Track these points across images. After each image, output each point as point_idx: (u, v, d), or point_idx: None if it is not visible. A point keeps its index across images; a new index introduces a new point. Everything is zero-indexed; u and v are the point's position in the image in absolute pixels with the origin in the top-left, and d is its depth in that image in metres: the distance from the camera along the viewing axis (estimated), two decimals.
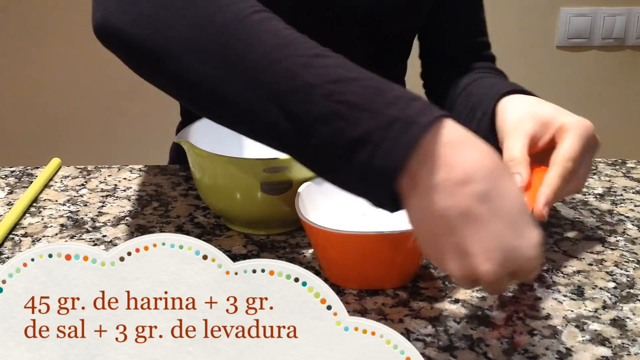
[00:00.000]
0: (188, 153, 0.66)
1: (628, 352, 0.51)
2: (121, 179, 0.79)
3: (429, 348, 0.51)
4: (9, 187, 0.77)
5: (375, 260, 0.55)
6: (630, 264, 0.63)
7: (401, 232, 0.54)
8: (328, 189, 0.64)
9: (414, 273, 0.59)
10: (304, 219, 0.56)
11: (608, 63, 2.03)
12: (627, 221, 0.71)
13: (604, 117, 2.07)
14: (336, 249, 0.55)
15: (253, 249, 0.64)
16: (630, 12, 1.98)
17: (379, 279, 0.57)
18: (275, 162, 0.61)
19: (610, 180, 0.80)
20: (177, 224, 0.69)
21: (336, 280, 0.58)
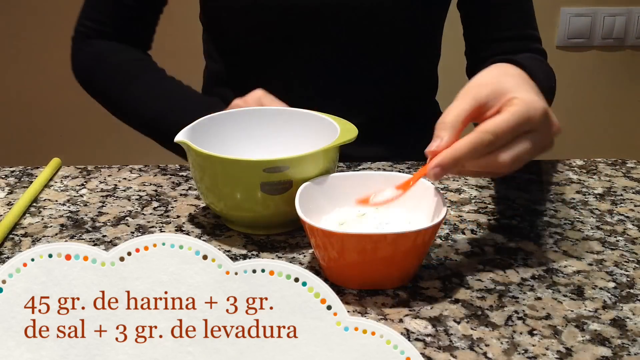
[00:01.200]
0: (188, 153, 0.66)
1: (628, 352, 0.51)
2: (121, 179, 0.79)
3: (429, 348, 0.51)
4: (9, 187, 0.77)
5: (375, 260, 0.55)
6: (630, 264, 0.63)
7: (401, 232, 0.54)
8: (328, 189, 0.64)
9: (414, 273, 0.59)
10: (304, 219, 0.56)
11: (608, 63, 2.03)
12: (627, 221, 0.71)
13: (604, 117, 2.07)
14: (336, 249, 0.55)
15: (253, 249, 0.64)
16: (630, 12, 1.99)
17: (379, 279, 0.57)
18: (275, 162, 0.61)
19: (610, 180, 0.80)
20: (177, 224, 0.69)
21: (336, 280, 0.58)
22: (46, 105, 2.08)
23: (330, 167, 0.66)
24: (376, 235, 0.55)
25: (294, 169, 0.62)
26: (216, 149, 0.66)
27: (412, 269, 0.58)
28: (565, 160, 0.86)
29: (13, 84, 2.06)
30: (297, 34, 0.89)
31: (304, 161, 0.63)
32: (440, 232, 0.67)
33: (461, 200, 0.74)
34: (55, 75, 2.01)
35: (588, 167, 0.84)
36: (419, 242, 0.56)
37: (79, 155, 2.07)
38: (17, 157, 2.10)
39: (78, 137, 2.10)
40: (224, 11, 0.91)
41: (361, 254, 0.55)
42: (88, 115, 2.00)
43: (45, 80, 2.04)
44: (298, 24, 0.88)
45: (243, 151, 0.71)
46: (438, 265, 0.62)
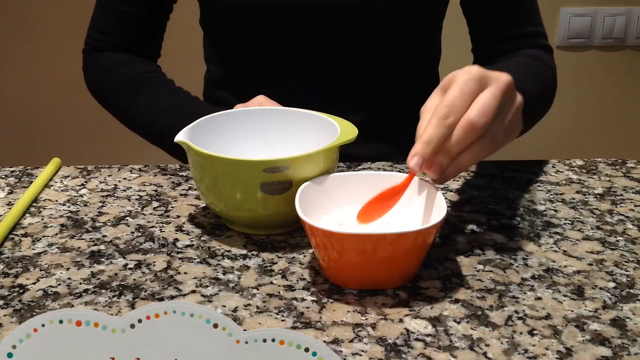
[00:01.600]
0: (188, 153, 0.66)
1: (628, 352, 0.51)
2: (121, 179, 0.79)
3: (429, 348, 0.51)
4: (9, 187, 0.77)
5: (376, 261, 0.55)
6: (630, 264, 0.63)
7: (401, 232, 0.54)
8: (328, 189, 0.64)
9: (414, 273, 0.59)
10: (304, 219, 0.56)
11: (608, 63, 2.03)
12: (627, 221, 0.71)
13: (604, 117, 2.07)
14: (336, 249, 0.55)
15: (253, 249, 0.64)
16: (630, 12, 1.99)
17: (379, 279, 0.57)
18: (275, 162, 0.61)
19: (610, 180, 0.80)
20: (177, 224, 0.69)
21: (336, 280, 0.58)
22: (46, 105, 2.08)
23: (330, 167, 0.66)
24: (376, 235, 0.55)
25: (294, 169, 0.62)
26: (216, 149, 0.66)
27: (412, 269, 0.58)
28: (565, 160, 0.86)
29: (13, 84, 2.06)
30: (296, 36, 0.89)
31: (304, 161, 0.63)
32: (440, 232, 0.67)
33: (461, 200, 0.74)
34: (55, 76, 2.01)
35: (588, 167, 0.84)
36: (419, 242, 0.56)
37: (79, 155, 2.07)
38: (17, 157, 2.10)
39: (78, 137, 2.10)
40: (222, 14, 0.91)
41: (361, 254, 0.55)
42: (88, 115, 2.00)
43: (45, 81, 2.04)
44: (296, 25, 0.88)
45: (243, 151, 0.71)
46: (438, 265, 0.62)
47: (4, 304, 0.56)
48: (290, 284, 0.59)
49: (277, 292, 0.57)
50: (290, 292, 0.58)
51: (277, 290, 0.58)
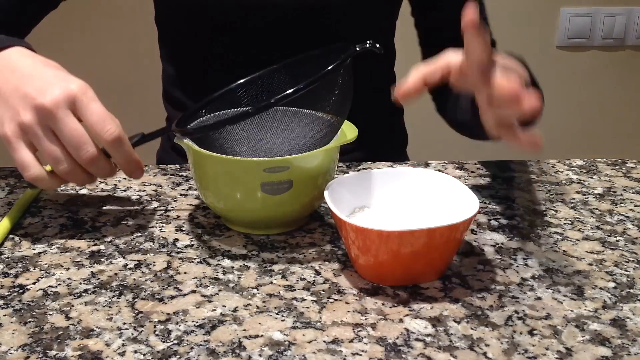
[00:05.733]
0: (188, 153, 0.66)
1: (628, 352, 0.51)
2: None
3: (429, 348, 0.51)
4: (9, 187, 0.77)
5: (423, 256, 0.56)
6: (630, 264, 0.63)
7: (453, 224, 0.55)
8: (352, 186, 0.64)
9: (447, 266, 0.60)
10: (348, 221, 0.56)
11: (608, 63, 2.03)
12: (627, 221, 0.71)
13: (604, 117, 2.07)
14: (391, 249, 0.55)
15: (253, 249, 0.64)
16: (630, 12, 1.99)
17: (419, 274, 0.58)
18: (275, 162, 0.61)
19: (610, 180, 0.80)
20: (177, 224, 0.69)
21: (372, 278, 0.59)
22: None
23: (330, 167, 0.66)
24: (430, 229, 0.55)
25: (294, 169, 0.62)
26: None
27: (448, 262, 0.60)
28: (565, 160, 0.86)
29: None
30: (243, 35, 0.89)
31: (304, 161, 0.63)
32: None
33: None
34: None
35: (588, 167, 0.84)
36: (458, 234, 0.57)
37: None
38: None
39: None
40: (171, 11, 0.92)
41: (414, 250, 0.56)
42: None
43: None
44: (243, 24, 0.88)
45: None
46: None
47: (4, 304, 0.56)
48: (290, 284, 0.59)
49: (277, 292, 0.58)
50: (290, 292, 0.58)
51: (277, 290, 0.58)
